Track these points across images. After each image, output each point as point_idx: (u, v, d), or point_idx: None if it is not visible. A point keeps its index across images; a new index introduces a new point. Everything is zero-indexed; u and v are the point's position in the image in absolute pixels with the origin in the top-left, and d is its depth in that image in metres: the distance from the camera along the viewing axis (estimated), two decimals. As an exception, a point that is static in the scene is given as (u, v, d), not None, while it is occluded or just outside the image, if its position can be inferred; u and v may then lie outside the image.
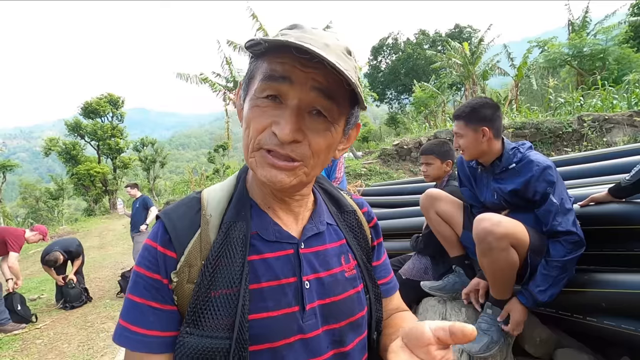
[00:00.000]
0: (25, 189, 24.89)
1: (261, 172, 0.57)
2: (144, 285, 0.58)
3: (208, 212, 0.63)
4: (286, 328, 0.59)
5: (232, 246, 0.59)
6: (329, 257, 0.66)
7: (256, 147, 0.57)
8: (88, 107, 23.44)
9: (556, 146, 8.18)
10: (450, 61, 14.32)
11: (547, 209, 1.61)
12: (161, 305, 0.58)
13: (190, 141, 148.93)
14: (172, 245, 0.59)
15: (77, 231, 14.06)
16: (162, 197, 23.68)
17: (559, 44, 13.42)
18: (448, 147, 2.39)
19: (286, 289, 0.60)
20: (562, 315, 1.79)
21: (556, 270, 1.57)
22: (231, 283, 0.57)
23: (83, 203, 25.76)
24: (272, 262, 0.61)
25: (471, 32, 31.54)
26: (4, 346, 4.06)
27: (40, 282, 6.93)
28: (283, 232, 0.64)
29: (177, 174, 45.72)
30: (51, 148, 23.02)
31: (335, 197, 0.76)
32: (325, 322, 0.63)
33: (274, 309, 0.58)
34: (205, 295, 0.56)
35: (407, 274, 2.31)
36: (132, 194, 6.04)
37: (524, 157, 1.70)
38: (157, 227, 0.62)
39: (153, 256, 0.59)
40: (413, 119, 16.83)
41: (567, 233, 1.57)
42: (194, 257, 0.59)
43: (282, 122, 0.54)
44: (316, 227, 0.67)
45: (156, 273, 0.58)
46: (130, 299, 0.59)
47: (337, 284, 0.65)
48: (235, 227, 0.61)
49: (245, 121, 0.58)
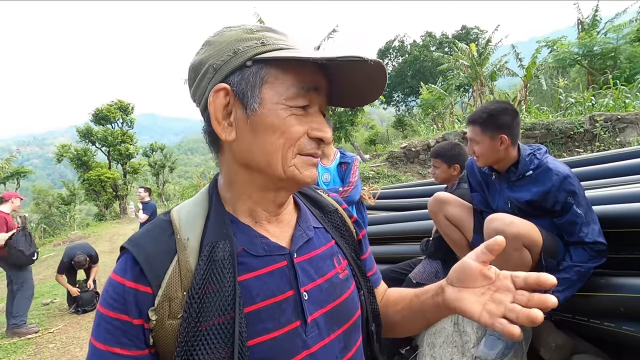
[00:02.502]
0: (38, 195, 25.32)
1: (307, 174, 0.58)
2: (106, 328, 0.51)
3: (184, 234, 0.56)
4: (290, 347, 0.55)
5: (219, 269, 0.53)
6: (321, 261, 0.64)
7: (294, 154, 0.56)
8: (99, 114, 23.85)
9: (567, 147, 8.05)
10: (457, 63, 14.24)
11: (571, 220, 1.56)
12: (129, 351, 0.51)
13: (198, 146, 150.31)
14: (146, 279, 0.52)
15: (89, 236, 14.27)
16: (171, 202, 23.93)
17: (568, 44, 13.26)
18: (457, 151, 2.30)
19: (283, 304, 0.56)
20: (579, 320, 1.75)
21: (577, 275, 1.55)
22: (223, 310, 0.51)
23: (94, 208, 26.12)
24: (265, 278, 0.56)
25: (478, 33, 31.33)
26: (18, 350, 4.12)
27: (53, 286, 7.03)
28: (271, 243, 0.60)
29: (185, 178, 46.17)
30: (63, 154, 23.46)
31: (315, 198, 0.74)
32: (329, 330, 0.60)
33: (274, 329, 0.54)
34: (195, 330, 0.50)
35: (418, 277, 2.28)
36: (142, 196, 6.11)
37: (541, 164, 1.64)
38: (123, 260, 0.55)
39: (119, 293, 0.52)
40: (420, 121, 16.72)
41: (595, 243, 1.54)
42: (174, 289, 0.52)
43: (322, 127, 0.58)
44: (305, 234, 0.64)
45: (122, 313, 0.51)
46: (94, 344, 0.52)
47: (335, 288, 0.63)
48: (219, 248, 0.55)
49: (278, 130, 0.54)
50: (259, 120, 0.54)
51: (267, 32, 0.57)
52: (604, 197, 1.97)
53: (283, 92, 0.54)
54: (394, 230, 3.06)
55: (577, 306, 1.66)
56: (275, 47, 0.55)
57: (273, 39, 0.56)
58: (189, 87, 0.61)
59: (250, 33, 0.56)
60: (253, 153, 0.56)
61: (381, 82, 0.58)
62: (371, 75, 0.57)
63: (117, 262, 0.56)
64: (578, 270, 1.54)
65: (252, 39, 0.55)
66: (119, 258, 0.56)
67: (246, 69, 0.54)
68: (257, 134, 0.55)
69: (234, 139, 0.56)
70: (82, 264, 5.18)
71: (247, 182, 0.59)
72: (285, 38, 0.58)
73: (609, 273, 1.69)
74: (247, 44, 0.55)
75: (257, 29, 0.57)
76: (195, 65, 0.58)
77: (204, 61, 0.57)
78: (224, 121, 0.56)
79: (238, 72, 0.55)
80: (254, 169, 0.57)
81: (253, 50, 0.54)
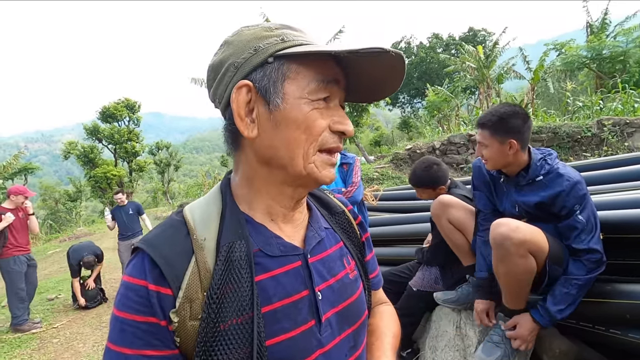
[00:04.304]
0: (45, 191, 25.61)
1: (326, 173, 0.58)
2: (133, 333, 0.50)
3: (200, 234, 0.56)
4: (306, 346, 0.56)
5: (236, 270, 0.53)
6: (333, 262, 0.65)
7: (315, 150, 0.56)
8: (106, 112, 24.07)
9: (574, 151, 7.97)
10: (464, 65, 14.17)
11: (571, 225, 1.54)
12: (160, 351, 0.51)
13: (204, 145, 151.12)
14: (166, 281, 0.51)
15: (94, 232, 14.38)
16: (175, 200, 24.05)
17: (576, 47, 13.14)
18: (435, 172, 2.17)
19: (299, 304, 0.57)
20: (584, 327, 1.72)
21: (575, 289, 1.52)
22: (241, 310, 0.52)
23: (100, 205, 26.34)
24: (281, 278, 0.57)
25: (485, 35, 31.16)
26: (23, 345, 4.16)
27: (58, 282, 7.10)
28: (287, 244, 0.60)
29: (190, 177, 46.39)
30: (70, 151, 23.70)
31: (324, 199, 0.75)
32: (340, 329, 0.61)
33: (291, 328, 0.55)
34: (214, 330, 0.51)
35: (418, 285, 2.25)
36: (122, 200, 5.63)
37: (552, 170, 1.61)
38: (139, 261, 0.53)
39: (142, 296, 0.51)
40: (426, 123, 16.66)
41: (590, 251, 1.51)
42: (194, 290, 0.52)
43: (343, 120, 0.58)
44: (317, 234, 0.65)
45: (150, 316, 0.50)
46: (117, 351, 0.50)
47: (345, 288, 0.64)
48: (235, 248, 0.55)
49: (302, 124, 0.55)
50: (281, 115, 0.54)
51: (286, 29, 0.58)
52: (612, 202, 1.95)
53: (305, 86, 0.55)
54: (395, 232, 3.04)
55: (582, 312, 1.64)
56: (295, 43, 0.56)
57: (292, 36, 0.57)
58: (208, 87, 0.61)
59: (269, 31, 0.57)
60: (275, 149, 0.56)
61: (401, 73, 0.58)
62: (392, 67, 0.57)
63: (131, 263, 0.55)
64: (576, 283, 1.52)
65: (271, 37, 0.56)
66: (132, 259, 0.55)
67: (268, 66, 0.55)
68: (279, 130, 0.55)
69: (257, 136, 0.56)
70: (92, 264, 5.25)
71: (267, 179, 0.59)
72: (303, 34, 0.59)
73: (616, 279, 1.67)
74: (268, 42, 0.55)
75: (275, 27, 0.58)
76: (215, 65, 0.59)
77: (224, 60, 0.57)
78: (247, 118, 0.56)
79: (260, 69, 0.55)
80: (274, 166, 0.57)
81: (274, 47, 0.55)
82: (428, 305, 2.20)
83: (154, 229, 0.58)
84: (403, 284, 2.33)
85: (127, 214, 5.63)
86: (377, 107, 12.79)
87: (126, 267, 0.55)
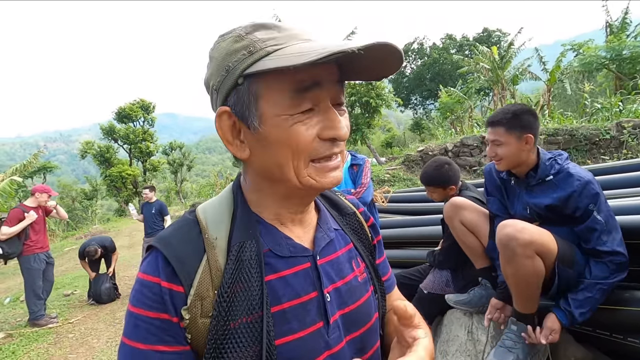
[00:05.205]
0: (62, 190, 26.30)
1: (327, 180, 0.55)
2: (146, 329, 0.51)
3: (212, 234, 0.56)
4: (314, 347, 0.56)
5: (247, 269, 0.54)
6: (341, 264, 0.64)
7: (307, 162, 0.54)
8: (122, 112, 24.58)
9: (592, 154, 7.78)
10: (478, 66, 13.99)
11: (590, 226, 1.51)
12: (172, 347, 0.51)
13: (216, 145, 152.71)
14: (178, 278, 0.52)
15: (109, 230, 14.70)
16: (188, 200, 24.39)
17: (595, 47, 12.81)
18: (447, 171, 2.16)
19: (308, 305, 0.57)
20: (600, 335, 1.68)
21: (599, 293, 1.50)
22: (251, 309, 0.52)
23: (115, 204, 26.93)
24: (290, 279, 0.57)
25: (500, 35, 30.70)
26: (40, 339, 4.28)
27: (74, 278, 7.28)
28: (297, 245, 0.60)
29: (203, 177, 46.96)
30: (87, 151, 24.31)
31: (334, 200, 0.74)
32: (347, 332, 0.61)
33: (300, 329, 0.55)
34: (225, 328, 0.51)
35: (429, 287, 2.23)
36: (150, 197, 6.02)
37: (562, 170, 1.60)
38: (153, 259, 0.54)
39: (155, 293, 0.52)
40: (438, 125, 16.50)
41: (613, 253, 1.48)
42: (205, 288, 0.53)
43: (334, 124, 0.53)
44: (327, 235, 0.65)
45: (162, 312, 0.51)
46: (131, 346, 0.51)
47: (354, 291, 0.64)
48: (246, 248, 0.55)
49: (284, 143, 0.52)
50: (263, 136, 0.53)
51: (257, 31, 0.53)
52: (631, 207, 1.89)
53: (280, 102, 0.51)
54: (406, 234, 3.02)
55: (599, 320, 1.60)
56: (262, 54, 0.51)
57: (261, 42, 0.52)
58: None
59: (239, 40, 0.53)
60: (268, 167, 0.55)
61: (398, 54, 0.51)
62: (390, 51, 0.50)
63: (146, 260, 0.56)
64: (600, 287, 1.49)
65: (240, 50, 0.52)
66: (146, 257, 0.56)
67: (239, 87, 0.53)
68: (266, 149, 0.54)
69: (249, 155, 0.56)
70: (92, 254, 5.42)
71: (271, 190, 0.59)
72: (277, 34, 0.53)
73: (635, 286, 1.62)
74: (236, 58, 0.52)
75: (246, 32, 0.54)
76: (205, 83, 0.59)
77: (207, 81, 0.58)
78: (236, 140, 0.56)
79: (234, 92, 0.53)
80: (275, 180, 0.57)
81: (241, 65, 0.51)
82: (439, 307, 2.18)
83: (168, 228, 0.60)
84: (414, 287, 2.31)
85: (150, 213, 5.92)
86: (390, 108, 12.69)
87: (141, 264, 0.57)
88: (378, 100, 11.63)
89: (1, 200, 5.30)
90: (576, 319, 1.52)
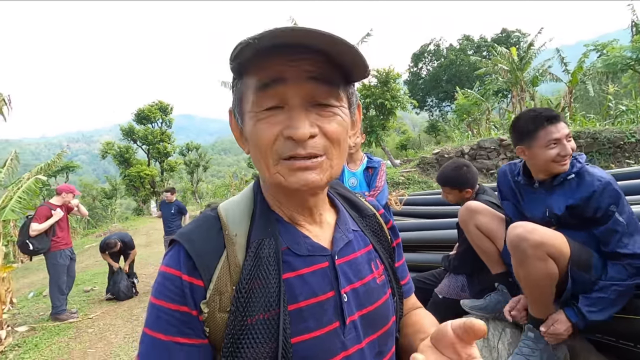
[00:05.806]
0: (84, 189, 27.17)
1: (293, 180, 0.53)
2: (167, 320, 0.52)
3: (232, 230, 0.58)
4: (330, 347, 0.55)
5: (265, 266, 0.55)
6: (360, 265, 0.64)
7: (276, 160, 0.54)
8: (141, 114, 25.25)
9: (616, 157, 7.51)
10: (495, 67, 13.71)
11: (611, 228, 1.47)
12: (191, 340, 0.53)
13: (232, 146, 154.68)
14: (198, 272, 0.53)
15: (127, 229, 15.05)
16: (204, 200, 24.77)
17: (620, 47, 12.36)
18: (464, 173, 2.12)
19: (325, 305, 0.57)
20: (624, 345, 1.62)
21: (614, 294, 1.45)
22: (268, 306, 0.53)
23: (133, 203, 27.62)
24: (308, 277, 0.57)
25: (519, 36, 30.05)
26: (61, 333, 4.42)
27: (94, 275, 7.49)
28: (315, 244, 0.60)
29: (218, 177, 47.64)
30: (107, 151, 25.08)
31: (354, 201, 0.73)
32: (365, 334, 0.60)
33: (316, 328, 0.55)
34: (242, 324, 0.52)
35: (444, 292, 2.20)
36: (170, 199, 6.41)
37: (582, 169, 1.57)
38: (176, 253, 0.56)
39: (177, 286, 0.53)
40: (455, 127, 16.26)
41: (634, 256, 1.43)
42: (224, 284, 0.54)
43: (293, 123, 0.51)
44: (345, 236, 0.64)
45: (183, 305, 0.53)
46: (153, 336, 0.53)
47: (372, 292, 0.63)
48: (265, 245, 0.56)
49: (252, 140, 0.55)
50: (246, 134, 0.57)
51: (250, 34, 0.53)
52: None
53: (250, 99, 0.54)
54: (421, 237, 2.99)
55: (622, 330, 1.54)
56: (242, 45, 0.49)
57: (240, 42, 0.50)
58: None
59: None
60: (255, 164, 0.58)
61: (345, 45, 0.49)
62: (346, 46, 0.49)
63: (168, 254, 0.57)
64: (616, 289, 1.44)
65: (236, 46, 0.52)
66: (169, 251, 0.58)
67: (235, 85, 0.57)
68: (250, 147, 0.57)
69: (248, 152, 0.59)
70: (111, 246, 5.61)
71: (271, 190, 0.62)
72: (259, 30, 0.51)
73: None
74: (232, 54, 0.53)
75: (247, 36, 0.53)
76: None
77: None
78: (242, 137, 0.60)
79: (234, 91, 0.58)
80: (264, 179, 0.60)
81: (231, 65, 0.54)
82: (454, 312, 2.15)
83: (190, 223, 0.61)
84: (429, 291, 2.28)
85: (169, 212, 6.33)
86: (405, 110, 12.57)
87: (164, 257, 0.58)
88: (393, 102, 11.54)
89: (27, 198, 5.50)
90: (586, 318, 1.48)
